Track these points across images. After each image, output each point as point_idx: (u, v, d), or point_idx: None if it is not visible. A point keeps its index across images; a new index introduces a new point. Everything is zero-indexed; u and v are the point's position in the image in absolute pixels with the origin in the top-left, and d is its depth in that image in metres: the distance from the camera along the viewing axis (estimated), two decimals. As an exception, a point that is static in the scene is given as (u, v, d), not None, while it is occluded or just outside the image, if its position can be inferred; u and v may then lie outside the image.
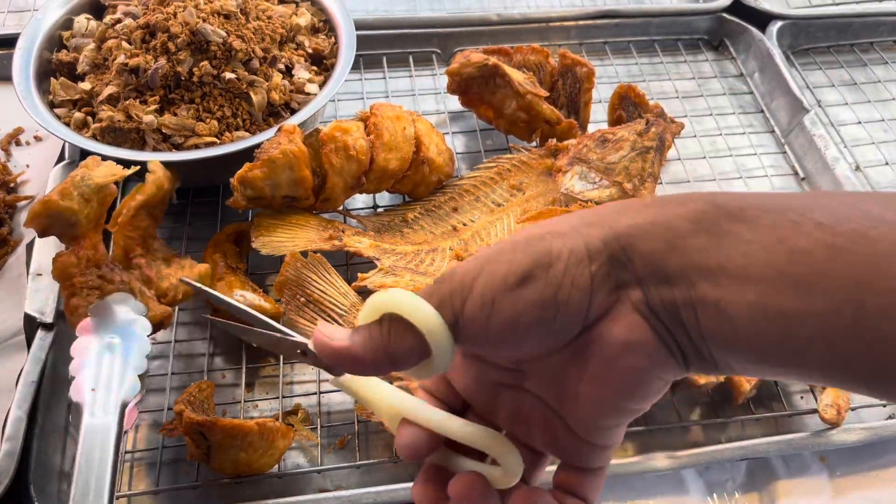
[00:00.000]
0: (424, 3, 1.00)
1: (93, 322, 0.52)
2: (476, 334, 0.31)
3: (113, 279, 0.55)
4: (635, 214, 0.31)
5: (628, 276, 0.30)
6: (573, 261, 0.30)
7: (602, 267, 0.30)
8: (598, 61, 0.93)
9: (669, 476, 0.59)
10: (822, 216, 0.28)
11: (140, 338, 0.52)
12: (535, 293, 0.30)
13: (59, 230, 0.54)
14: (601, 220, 0.31)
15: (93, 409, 0.47)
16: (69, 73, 0.73)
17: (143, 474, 0.57)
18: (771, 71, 0.90)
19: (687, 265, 0.29)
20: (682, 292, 0.29)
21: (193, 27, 0.67)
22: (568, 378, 0.32)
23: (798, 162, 0.84)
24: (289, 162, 0.62)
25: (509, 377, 0.35)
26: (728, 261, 0.28)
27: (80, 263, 0.54)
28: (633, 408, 0.32)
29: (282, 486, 0.57)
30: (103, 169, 0.55)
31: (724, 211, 0.29)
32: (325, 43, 0.78)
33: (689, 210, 0.30)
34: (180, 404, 0.54)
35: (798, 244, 0.27)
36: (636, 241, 0.30)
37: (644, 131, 0.69)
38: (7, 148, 0.80)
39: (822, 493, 0.59)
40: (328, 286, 0.60)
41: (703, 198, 0.30)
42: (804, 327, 0.27)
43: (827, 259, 0.27)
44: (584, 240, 0.30)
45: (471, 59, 0.76)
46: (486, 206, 0.69)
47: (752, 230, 0.28)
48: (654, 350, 0.30)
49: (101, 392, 0.48)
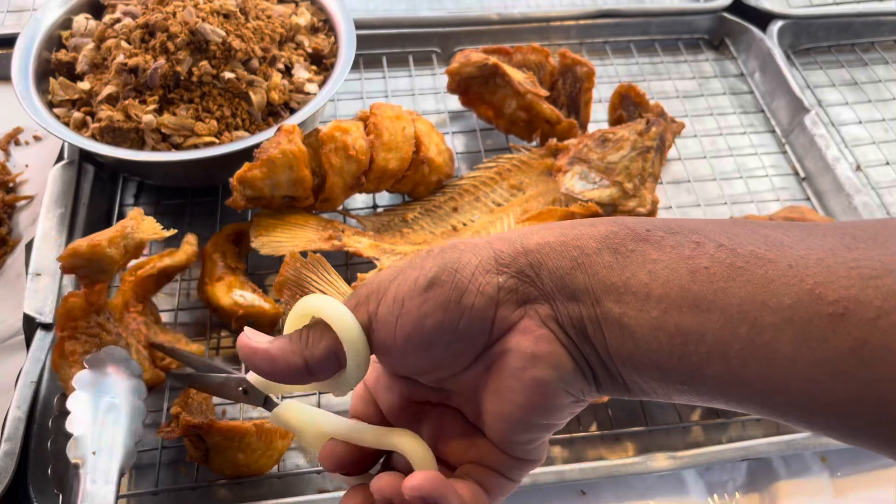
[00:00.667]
0: (424, 3, 1.00)
1: (90, 375, 0.50)
2: (386, 338, 0.32)
3: (111, 331, 0.55)
4: (546, 233, 0.32)
5: (536, 291, 0.31)
6: (480, 270, 0.31)
7: (510, 280, 0.31)
8: (598, 61, 0.93)
9: (670, 476, 0.59)
10: (723, 239, 0.29)
11: (138, 402, 0.51)
12: (440, 296, 0.31)
13: (89, 273, 0.54)
14: (514, 237, 0.32)
15: (94, 474, 0.45)
16: (68, 73, 0.73)
17: (143, 475, 0.57)
18: (771, 70, 0.89)
19: (593, 282, 0.30)
20: (587, 309, 0.30)
21: (193, 27, 0.67)
22: (483, 392, 0.33)
23: (799, 162, 0.83)
24: (288, 162, 0.62)
25: (433, 396, 0.35)
26: (633, 278, 0.29)
27: (86, 307, 0.54)
28: (543, 422, 0.32)
29: (281, 487, 0.57)
30: (148, 225, 0.56)
31: (631, 232, 0.30)
32: (325, 42, 0.78)
33: (598, 230, 0.31)
34: (177, 406, 0.54)
35: (699, 263, 0.28)
36: (544, 257, 0.31)
37: (644, 131, 0.69)
38: (6, 148, 0.80)
39: (823, 493, 0.59)
40: (328, 286, 0.60)
41: (613, 220, 0.31)
42: (702, 343, 0.28)
43: (726, 278, 0.28)
44: (494, 253, 0.31)
45: (471, 58, 0.76)
46: (486, 206, 0.69)
47: (657, 250, 0.29)
48: (561, 363, 0.31)
49: (103, 457, 0.46)
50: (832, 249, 0.27)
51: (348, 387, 0.33)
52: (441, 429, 0.35)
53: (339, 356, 0.32)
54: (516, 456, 0.33)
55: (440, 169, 0.70)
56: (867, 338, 0.25)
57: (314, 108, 0.70)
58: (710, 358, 0.28)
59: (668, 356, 0.29)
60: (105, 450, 0.47)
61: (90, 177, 0.73)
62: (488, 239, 0.33)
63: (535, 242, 0.31)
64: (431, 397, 0.36)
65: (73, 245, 0.53)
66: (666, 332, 0.28)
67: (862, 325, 0.25)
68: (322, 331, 0.32)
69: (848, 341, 0.26)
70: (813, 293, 0.26)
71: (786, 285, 0.27)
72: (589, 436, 0.61)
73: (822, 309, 0.26)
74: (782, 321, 0.27)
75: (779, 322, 0.27)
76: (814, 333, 0.26)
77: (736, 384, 0.28)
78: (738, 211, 0.77)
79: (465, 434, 0.35)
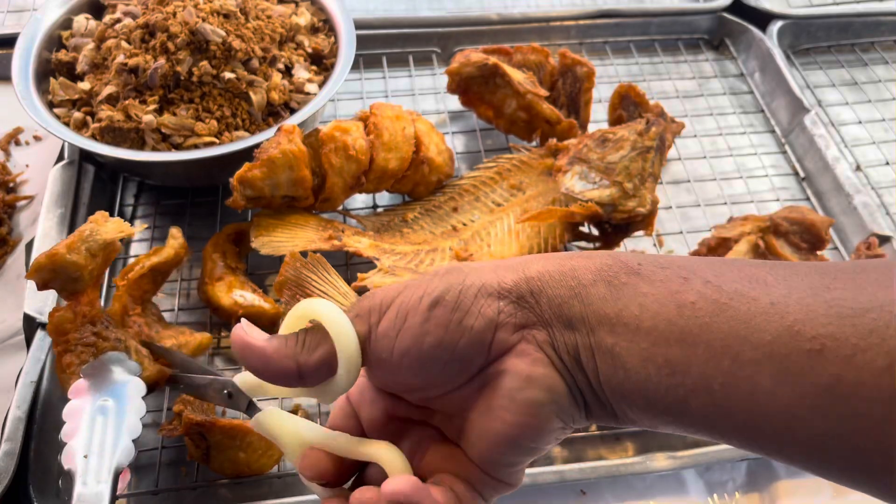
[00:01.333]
0: (424, 3, 1.00)
1: (86, 383, 0.50)
2: (383, 352, 0.32)
3: (108, 337, 0.53)
4: (546, 263, 0.33)
5: (535, 317, 0.32)
6: (483, 293, 0.32)
7: (510, 305, 0.32)
8: (598, 61, 0.93)
9: (670, 476, 0.59)
10: (710, 275, 0.30)
11: (134, 399, 0.50)
12: (442, 316, 0.32)
13: (60, 284, 0.52)
14: (517, 265, 0.33)
15: (85, 477, 0.45)
16: (68, 73, 0.73)
17: (143, 475, 0.57)
18: (771, 70, 0.90)
19: (588, 312, 0.31)
20: (583, 337, 0.31)
21: (193, 27, 0.67)
22: (470, 412, 0.33)
23: (798, 162, 0.83)
24: (288, 162, 0.62)
25: (417, 413, 0.36)
26: (624, 310, 0.30)
27: (76, 319, 0.53)
28: (530, 445, 0.33)
29: (281, 487, 0.57)
30: (111, 225, 0.54)
31: (624, 265, 0.32)
32: (325, 42, 0.78)
33: (594, 262, 0.32)
34: (179, 404, 0.54)
35: (686, 298, 0.30)
36: (544, 285, 0.32)
37: (644, 131, 0.69)
38: (6, 148, 0.80)
39: (823, 493, 0.59)
40: (328, 286, 0.60)
41: (608, 254, 0.33)
42: (688, 375, 0.29)
43: (711, 313, 0.29)
44: (497, 278, 0.32)
45: (471, 58, 0.76)
46: (485, 206, 0.69)
47: (648, 284, 0.31)
48: (556, 386, 0.32)
49: (94, 458, 0.46)
50: (812, 288, 0.28)
51: (335, 395, 0.34)
52: (420, 446, 0.36)
53: (332, 365, 0.32)
54: (496, 477, 0.34)
55: (440, 169, 0.70)
56: (843, 374, 0.26)
57: (314, 108, 0.70)
58: (696, 390, 0.29)
59: (655, 386, 0.30)
60: (97, 451, 0.46)
61: (90, 177, 0.73)
62: (493, 264, 0.34)
63: (536, 270, 0.32)
64: (413, 414, 0.36)
65: (35, 259, 0.51)
66: (654, 363, 0.30)
67: (838, 361, 0.26)
68: (320, 338, 0.32)
69: (824, 377, 0.26)
70: (792, 329, 0.27)
71: (767, 321, 0.28)
72: (589, 435, 0.61)
73: (801, 345, 0.27)
74: (763, 356, 0.28)
75: (759, 357, 0.28)
76: (792, 368, 0.27)
77: (720, 417, 0.29)
78: (737, 211, 0.77)
79: (443, 452, 0.35)
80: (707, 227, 0.75)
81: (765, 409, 0.28)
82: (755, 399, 0.28)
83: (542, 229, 0.66)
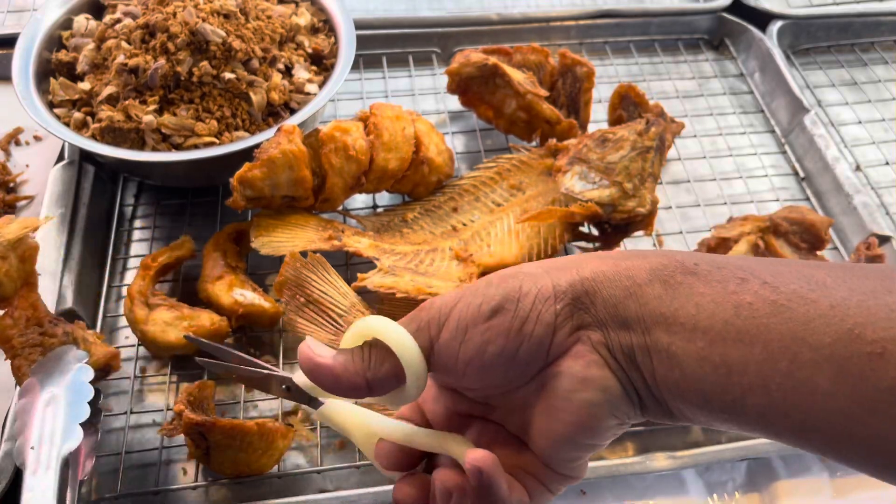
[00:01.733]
0: (424, 3, 1.00)
1: (35, 380, 0.51)
2: (447, 361, 0.33)
3: (55, 333, 0.54)
4: (600, 262, 0.33)
5: (590, 318, 0.33)
6: (540, 298, 0.32)
7: (566, 307, 0.32)
8: (598, 61, 0.93)
9: (670, 476, 0.59)
10: (767, 276, 0.30)
11: (81, 385, 0.51)
12: (503, 324, 0.32)
13: None
14: (570, 265, 0.34)
15: (35, 467, 0.46)
16: (69, 73, 0.73)
17: (143, 475, 0.57)
18: (771, 70, 0.90)
19: (644, 312, 0.32)
20: (638, 337, 0.32)
21: (193, 27, 0.67)
22: (530, 411, 0.34)
23: (798, 162, 0.84)
24: (288, 162, 0.62)
25: (478, 409, 0.37)
26: (681, 310, 0.31)
27: (17, 325, 0.53)
28: (588, 443, 0.34)
29: (281, 487, 0.57)
30: (14, 226, 0.53)
31: (680, 265, 0.32)
32: (325, 43, 0.78)
33: (649, 262, 0.32)
34: (180, 404, 0.54)
35: (744, 299, 0.30)
36: (599, 286, 0.32)
37: (644, 131, 0.69)
38: (6, 148, 0.80)
39: (823, 493, 0.59)
40: (328, 286, 0.60)
41: (663, 253, 0.33)
42: (745, 375, 0.29)
43: (768, 314, 0.29)
44: (552, 281, 0.33)
45: (470, 58, 0.76)
46: (485, 206, 0.69)
47: (704, 283, 0.31)
48: (610, 387, 0.32)
49: (44, 448, 0.47)
50: (873, 291, 0.29)
51: (405, 403, 0.35)
52: (482, 439, 0.37)
53: (399, 377, 0.33)
54: (559, 471, 0.35)
55: (440, 169, 0.70)
56: None
57: (314, 109, 0.70)
58: (752, 389, 0.29)
59: (712, 386, 0.30)
60: (47, 441, 0.47)
61: (90, 177, 0.73)
62: (545, 266, 0.34)
63: (590, 270, 0.33)
64: (475, 410, 0.37)
65: None
66: (711, 362, 0.30)
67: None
68: (384, 353, 0.34)
69: (886, 380, 0.27)
70: (853, 333, 0.28)
71: (826, 324, 0.28)
72: (589, 435, 0.61)
73: (862, 348, 0.27)
74: (822, 358, 0.28)
75: (818, 359, 0.28)
76: (853, 371, 0.27)
77: (776, 416, 0.29)
78: (737, 211, 0.77)
79: (508, 445, 0.36)
80: (707, 227, 0.75)
81: (823, 410, 0.28)
82: (813, 400, 0.28)
83: (542, 229, 0.66)
